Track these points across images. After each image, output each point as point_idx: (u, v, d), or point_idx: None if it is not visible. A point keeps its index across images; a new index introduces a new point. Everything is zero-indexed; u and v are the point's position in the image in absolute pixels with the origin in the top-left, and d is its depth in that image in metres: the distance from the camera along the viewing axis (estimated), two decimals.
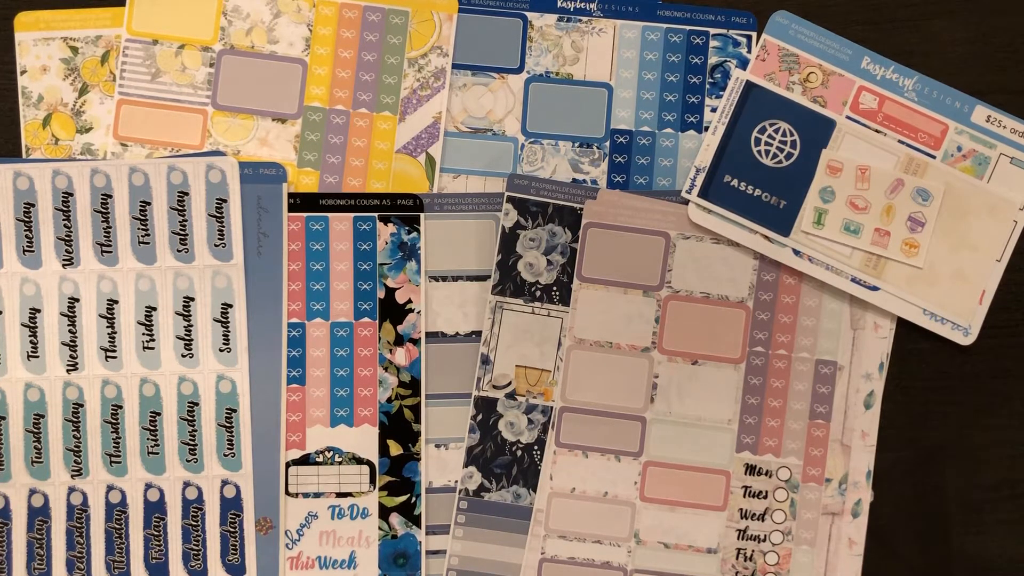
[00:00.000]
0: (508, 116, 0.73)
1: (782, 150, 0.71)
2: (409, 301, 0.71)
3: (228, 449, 0.70)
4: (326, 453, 0.71)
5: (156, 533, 0.69)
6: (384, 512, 0.71)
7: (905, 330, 0.72)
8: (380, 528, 0.70)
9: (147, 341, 0.70)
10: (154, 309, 0.70)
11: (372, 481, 0.71)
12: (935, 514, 0.73)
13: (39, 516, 0.69)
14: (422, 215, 0.71)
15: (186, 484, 0.70)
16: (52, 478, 0.69)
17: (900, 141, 0.71)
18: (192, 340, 0.70)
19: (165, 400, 0.70)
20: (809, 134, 0.71)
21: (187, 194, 0.70)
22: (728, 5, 0.73)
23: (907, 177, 0.71)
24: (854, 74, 0.72)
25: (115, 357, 0.70)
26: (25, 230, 0.69)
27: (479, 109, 0.73)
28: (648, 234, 0.71)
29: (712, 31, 0.73)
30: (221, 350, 0.70)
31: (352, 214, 0.71)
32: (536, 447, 0.71)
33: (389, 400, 0.71)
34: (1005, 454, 0.73)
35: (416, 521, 0.71)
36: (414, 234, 0.71)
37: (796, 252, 0.71)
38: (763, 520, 0.71)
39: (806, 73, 0.72)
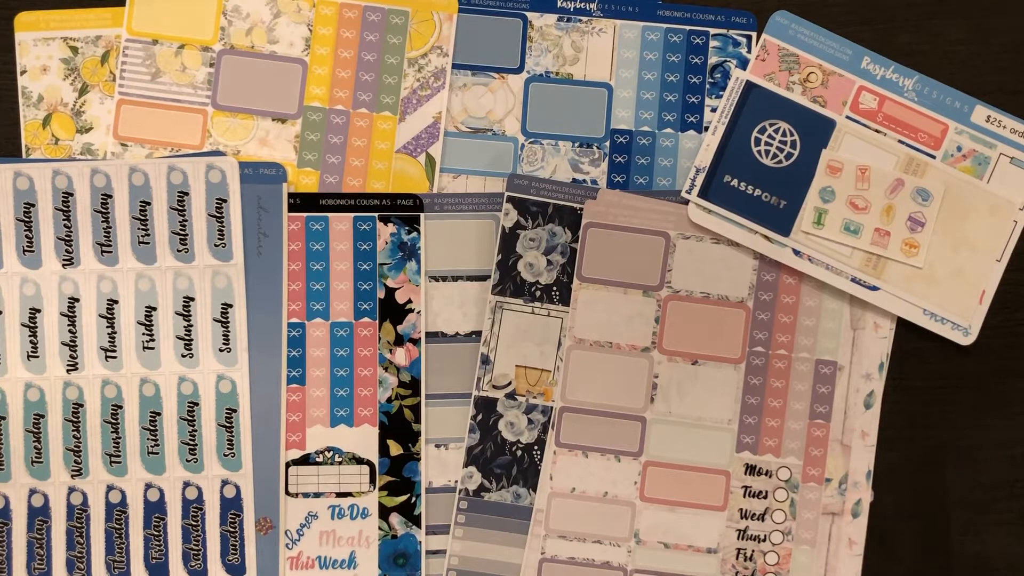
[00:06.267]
0: (508, 116, 0.73)
1: (782, 150, 0.71)
2: (409, 301, 0.71)
3: (228, 449, 0.70)
4: (326, 453, 0.71)
5: (156, 533, 0.69)
6: (384, 512, 0.71)
7: (905, 330, 0.72)
8: (380, 528, 0.71)
9: (147, 341, 0.70)
10: (154, 309, 0.70)
11: (372, 481, 0.71)
12: (935, 514, 0.73)
13: (39, 516, 0.69)
14: (422, 215, 0.71)
15: (186, 484, 0.70)
16: (52, 478, 0.69)
17: (900, 141, 0.71)
18: (192, 340, 0.70)
19: (165, 400, 0.70)
20: (809, 134, 0.71)
21: (187, 194, 0.70)
22: (728, 5, 0.73)
23: (907, 177, 0.71)
24: (854, 74, 0.72)
25: (115, 357, 0.70)
26: (25, 230, 0.69)
27: (479, 109, 0.73)
28: (648, 234, 0.71)
29: (712, 31, 0.73)
30: (221, 350, 0.70)
31: (352, 214, 0.71)
32: (536, 447, 0.71)
33: (389, 400, 0.71)
34: (1005, 454, 0.73)
35: (416, 521, 0.71)
36: (414, 234, 0.71)
37: (796, 252, 0.71)
38: (763, 520, 0.71)
39: (806, 73, 0.72)
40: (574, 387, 0.71)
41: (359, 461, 0.71)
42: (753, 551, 0.71)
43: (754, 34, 0.73)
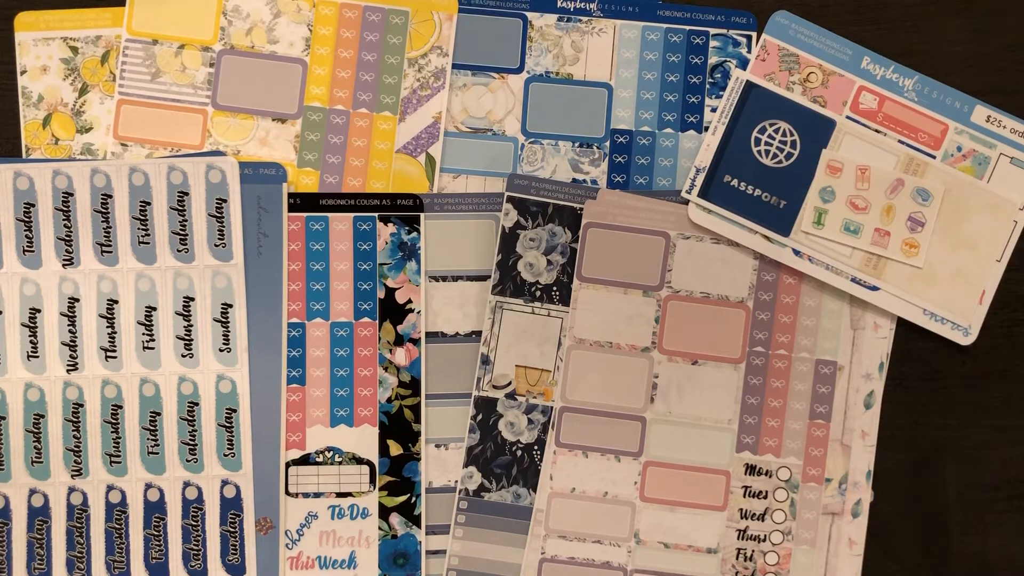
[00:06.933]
0: (508, 116, 0.73)
1: (782, 150, 0.71)
2: (409, 301, 0.71)
3: (228, 449, 0.70)
4: (326, 453, 0.71)
5: (156, 533, 0.69)
6: (384, 512, 0.71)
7: (905, 330, 0.72)
8: (380, 528, 0.71)
9: (147, 341, 0.70)
10: (154, 309, 0.70)
11: (372, 481, 0.71)
12: (935, 514, 0.73)
13: (39, 516, 0.69)
14: (422, 215, 0.71)
15: (186, 484, 0.70)
16: (52, 478, 0.69)
17: (900, 141, 0.71)
18: (192, 340, 0.70)
19: (165, 400, 0.70)
20: (809, 134, 0.71)
21: (187, 194, 0.70)
22: (728, 5, 0.73)
23: (907, 177, 0.71)
24: (854, 74, 0.72)
25: (115, 357, 0.70)
26: (25, 230, 0.69)
27: (479, 109, 0.73)
28: (648, 234, 0.71)
29: (712, 31, 0.73)
30: (221, 350, 0.70)
31: (352, 214, 0.71)
32: (536, 447, 0.71)
33: (389, 400, 0.71)
34: (1005, 454, 0.73)
35: (416, 521, 0.71)
36: (414, 234, 0.71)
37: (796, 252, 0.71)
38: (763, 520, 0.71)
39: (806, 73, 0.72)
40: (574, 387, 0.71)
41: (359, 461, 0.71)
42: (753, 551, 0.71)
43: (754, 34, 0.73)
